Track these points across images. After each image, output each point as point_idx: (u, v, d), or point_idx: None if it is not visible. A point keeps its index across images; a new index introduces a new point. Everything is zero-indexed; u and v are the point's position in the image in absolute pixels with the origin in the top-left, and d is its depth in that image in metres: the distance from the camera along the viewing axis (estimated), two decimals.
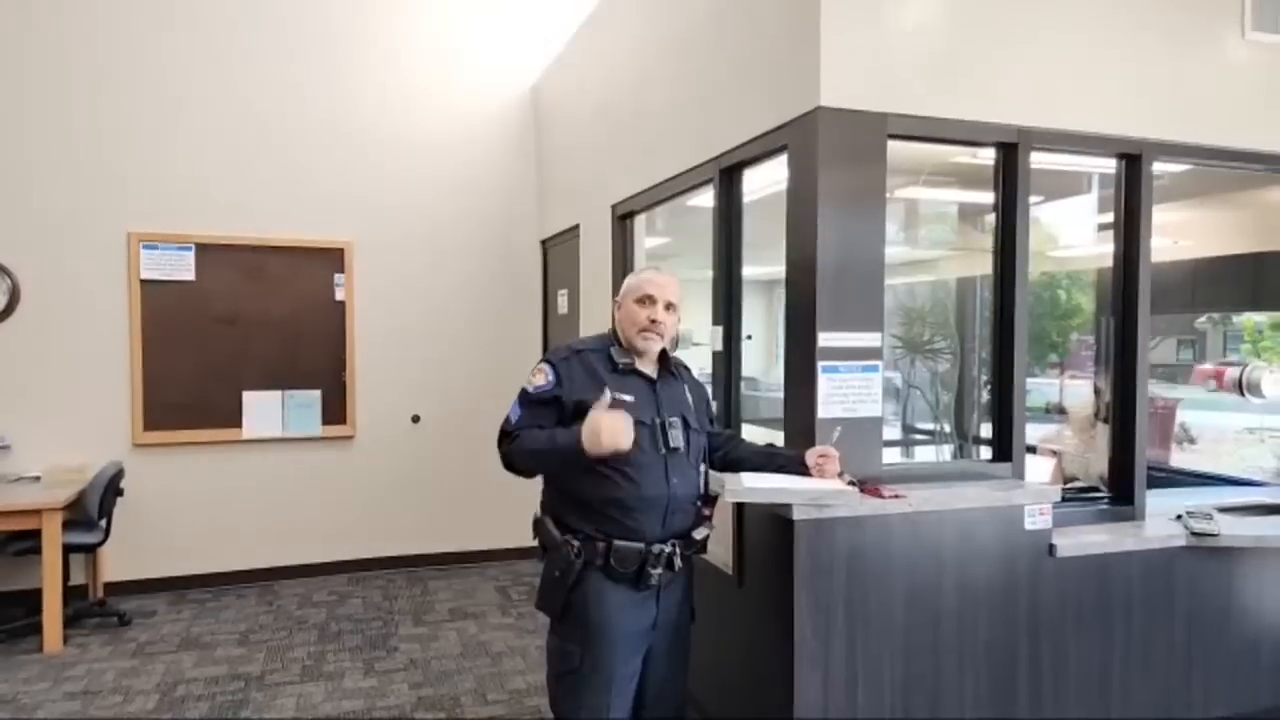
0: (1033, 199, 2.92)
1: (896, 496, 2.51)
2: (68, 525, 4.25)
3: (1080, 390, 4.19)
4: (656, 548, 2.21)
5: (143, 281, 4.99)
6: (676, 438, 2.29)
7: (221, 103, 5.13)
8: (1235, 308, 5.30)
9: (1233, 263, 4.55)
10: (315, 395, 5.33)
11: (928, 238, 4.59)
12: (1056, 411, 4.47)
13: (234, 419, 5.17)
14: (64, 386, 4.85)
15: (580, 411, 2.18)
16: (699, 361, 3.40)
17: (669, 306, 2.30)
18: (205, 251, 5.10)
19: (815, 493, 2.40)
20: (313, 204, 5.30)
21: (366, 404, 5.43)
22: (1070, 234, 4.34)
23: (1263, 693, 2.99)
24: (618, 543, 2.18)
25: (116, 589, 4.91)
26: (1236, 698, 2.97)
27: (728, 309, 3.22)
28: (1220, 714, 2.96)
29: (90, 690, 3.72)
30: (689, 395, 2.41)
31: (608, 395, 2.17)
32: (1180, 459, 4.88)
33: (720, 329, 3.25)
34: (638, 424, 2.20)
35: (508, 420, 2.26)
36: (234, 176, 5.15)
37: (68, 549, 4.32)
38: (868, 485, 2.54)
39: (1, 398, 4.76)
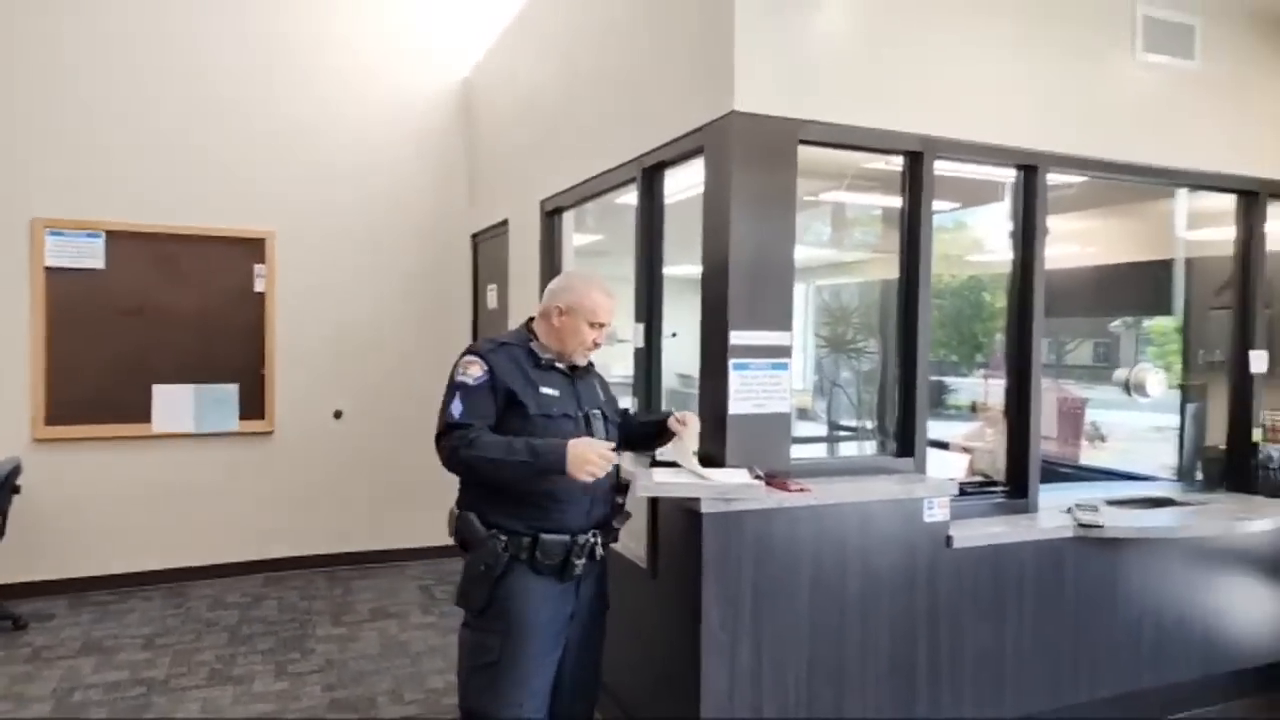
0: (953, 205, 3.04)
1: (802, 490, 2.59)
2: None
3: (997, 389, 4.36)
4: (581, 538, 2.27)
5: (47, 269, 4.78)
6: (599, 429, 2.38)
7: (136, 86, 4.94)
8: (1137, 312, 5.58)
9: (1133, 269, 4.81)
10: (232, 390, 5.18)
11: (852, 240, 4.71)
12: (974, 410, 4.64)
13: (143, 413, 4.99)
14: None
15: (510, 399, 2.23)
16: (622, 358, 3.45)
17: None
18: (116, 239, 4.91)
19: (723, 486, 2.46)
20: (232, 193, 5.15)
21: (286, 399, 5.30)
22: (992, 239, 4.52)
23: (1144, 673, 3.18)
24: (544, 536, 2.22)
25: (11, 591, 4.67)
26: (1120, 678, 3.14)
27: (649, 306, 3.26)
28: (1105, 693, 3.13)
29: None
30: (599, 389, 2.49)
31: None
32: (1091, 456, 5.11)
33: (642, 326, 3.29)
34: (563, 416, 2.29)
35: (449, 415, 2.21)
36: (148, 163, 4.97)
37: None
38: (775, 479, 2.61)
39: None
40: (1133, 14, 3.27)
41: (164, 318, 5.04)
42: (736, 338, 2.64)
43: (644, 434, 2.61)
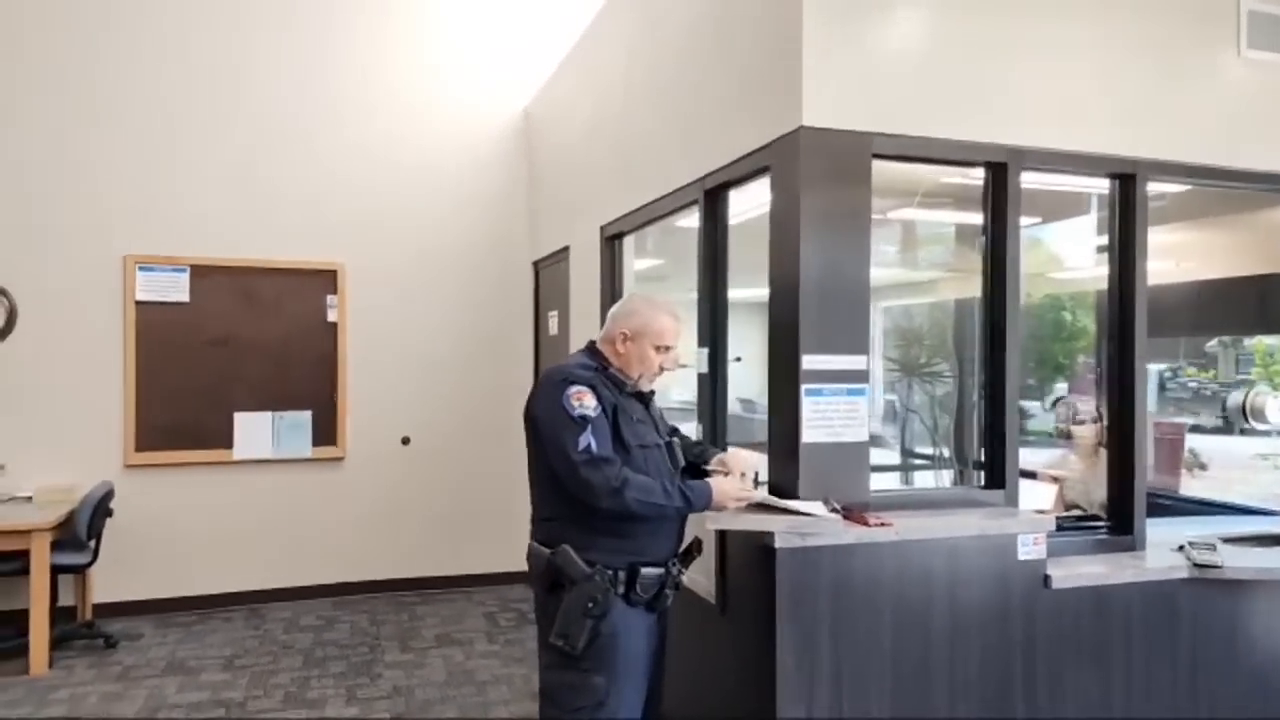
0: (1033, 220, 2.85)
1: (883, 524, 2.43)
2: (56, 546, 4.22)
3: (1085, 415, 4.09)
4: (673, 568, 2.27)
5: (138, 303, 4.99)
6: (678, 456, 2.35)
7: (216, 127, 5.15)
8: (1241, 330, 5.17)
9: (1237, 285, 4.46)
10: (306, 416, 5.29)
11: (925, 259, 4.52)
12: (1063, 436, 4.37)
13: (225, 440, 5.14)
14: (58, 407, 4.85)
15: (614, 431, 2.19)
16: (679, 383, 3.35)
17: None
18: (199, 273, 5.10)
19: (798, 520, 2.34)
20: (306, 227, 5.30)
21: (357, 425, 5.39)
22: (1073, 255, 4.27)
23: None
24: (644, 569, 2.19)
25: (105, 610, 4.86)
26: None
27: (713, 331, 3.17)
28: None
29: (72, 715, 3.67)
30: (660, 412, 2.44)
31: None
32: (1191, 486, 4.75)
33: (706, 351, 3.19)
34: (655, 446, 2.28)
35: (588, 449, 2.11)
36: (229, 200, 5.16)
37: (56, 570, 4.29)
38: (853, 512, 2.46)
39: None
40: (1236, 8, 3.03)
41: (244, 348, 5.20)
42: (809, 362, 2.51)
43: (689, 466, 2.48)
